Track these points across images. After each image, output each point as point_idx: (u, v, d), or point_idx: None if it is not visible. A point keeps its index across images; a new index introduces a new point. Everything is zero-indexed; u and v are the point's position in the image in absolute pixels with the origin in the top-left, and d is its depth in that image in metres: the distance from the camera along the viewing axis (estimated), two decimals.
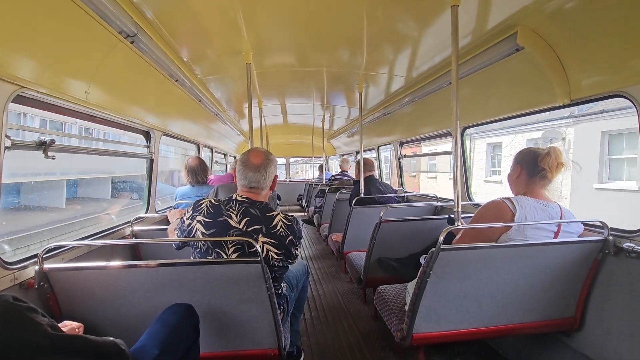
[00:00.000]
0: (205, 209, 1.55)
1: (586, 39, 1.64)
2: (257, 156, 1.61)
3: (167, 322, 1.24)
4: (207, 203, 1.57)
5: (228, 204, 1.56)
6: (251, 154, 1.62)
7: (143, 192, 3.06)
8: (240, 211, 1.53)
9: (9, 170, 1.38)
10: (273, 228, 1.53)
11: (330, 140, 8.91)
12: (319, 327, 2.60)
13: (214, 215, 1.53)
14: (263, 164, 1.59)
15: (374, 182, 3.68)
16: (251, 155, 1.61)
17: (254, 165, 1.57)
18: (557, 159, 1.64)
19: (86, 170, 11.09)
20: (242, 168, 1.58)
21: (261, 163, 1.59)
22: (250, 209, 1.54)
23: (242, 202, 1.55)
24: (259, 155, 1.61)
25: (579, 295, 1.74)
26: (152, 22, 1.97)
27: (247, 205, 1.55)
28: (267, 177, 1.60)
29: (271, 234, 1.53)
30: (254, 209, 1.55)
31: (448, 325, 1.69)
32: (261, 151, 1.64)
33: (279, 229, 1.54)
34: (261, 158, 1.60)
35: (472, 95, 2.66)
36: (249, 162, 1.58)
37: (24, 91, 1.42)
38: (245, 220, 1.51)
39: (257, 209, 1.55)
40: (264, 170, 1.58)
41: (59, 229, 8.23)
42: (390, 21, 2.03)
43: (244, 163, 1.59)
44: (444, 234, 1.49)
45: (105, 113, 2.14)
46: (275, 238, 1.53)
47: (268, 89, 4.01)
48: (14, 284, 1.41)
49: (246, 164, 1.58)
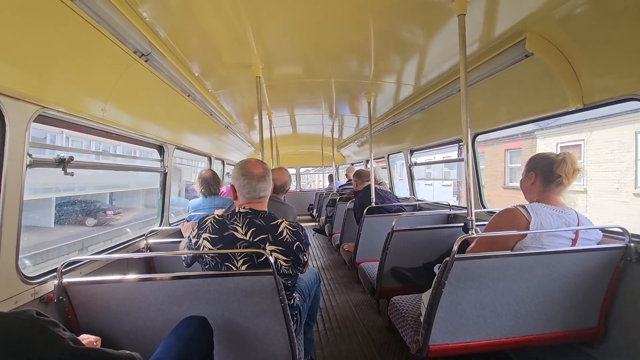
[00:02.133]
0: (210, 225, 1.57)
1: (597, 43, 1.62)
2: (256, 166, 1.63)
3: (182, 335, 1.25)
4: (211, 219, 1.59)
5: (232, 217, 1.58)
6: (250, 165, 1.63)
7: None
8: (245, 223, 1.55)
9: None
10: (279, 235, 1.55)
11: (340, 150, 8.93)
12: (333, 339, 2.57)
13: (219, 231, 1.54)
14: (266, 172, 1.64)
15: (382, 192, 3.66)
16: (251, 167, 1.63)
17: (259, 176, 1.60)
18: (572, 165, 1.62)
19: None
20: (248, 181, 1.59)
21: (263, 171, 1.63)
22: (255, 219, 1.56)
23: (245, 214, 1.57)
24: (257, 165, 1.64)
25: (601, 304, 1.68)
26: (165, 40, 2.03)
27: (251, 216, 1.57)
28: (270, 184, 1.67)
29: (278, 241, 1.54)
30: (259, 219, 1.56)
31: (465, 337, 1.65)
32: (254, 160, 1.68)
33: (285, 235, 1.56)
34: (261, 166, 1.64)
35: (482, 101, 2.64)
36: (252, 174, 1.60)
37: (45, 111, 1.48)
38: (252, 231, 1.53)
39: (262, 219, 1.57)
40: (269, 177, 1.64)
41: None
42: (396, 31, 2.05)
43: (248, 176, 1.60)
44: (458, 243, 1.47)
45: (121, 129, 2.20)
46: (282, 245, 1.54)
47: (277, 101, 4.07)
48: (34, 298, 1.45)
49: (251, 176, 1.59)
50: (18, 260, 1.38)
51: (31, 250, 6.91)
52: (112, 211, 11.17)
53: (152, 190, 12.90)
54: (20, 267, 1.40)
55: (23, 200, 1.39)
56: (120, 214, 11.34)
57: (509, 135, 11.37)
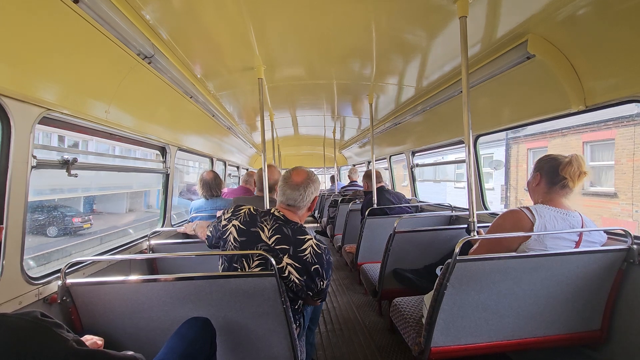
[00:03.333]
0: (243, 215, 1.59)
1: (599, 45, 1.62)
2: (299, 175, 1.61)
3: (185, 336, 1.26)
4: (247, 210, 1.60)
5: (265, 215, 1.57)
6: (294, 172, 1.63)
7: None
8: (273, 227, 1.53)
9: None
10: (301, 252, 1.50)
11: (342, 151, 8.94)
12: (335, 341, 2.57)
13: (248, 224, 1.55)
14: (303, 184, 1.59)
15: (386, 193, 3.66)
16: (294, 173, 1.62)
17: (294, 184, 1.58)
18: (579, 168, 1.59)
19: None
20: (283, 184, 1.60)
21: (302, 182, 1.59)
22: (284, 227, 1.54)
23: (277, 218, 1.56)
24: (301, 174, 1.62)
25: (604, 306, 1.68)
26: (168, 42, 2.05)
27: (281, 222, 1.55)
28: (306, 197, 1.59)
29: (297, 257, 1.49)
30: (287, 228, 1.54)
31: (467, 339, 1.65)
32: (305, 170, 1.65)
33: (307, 254, 1.50)
34: (303, 177, 1.61)
35: (484, 103, 2.64)
36: (290, 179, 1.60)
37: (49, 113, 1.50)
38: (276, 238, 1.51)
39: (290, 229, 1.54)
40: (304, 190, 1.58)
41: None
42: (398, 33, 2.05)
43: (286, 180, 1.60)
44: (460, 245, 1.47)
45: (124, 131, 2.21)
46: (300, 262, 1.49)
47: (279, 102, 4.08)
48: (38, 298, 1.46)
49: (287, 181, 1.60)
50: (23, 261, 1.39)
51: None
52: (80, 218, 9.52)
53: (139, 193, 11.99)
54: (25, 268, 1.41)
55: (28, 202, 1.40)
56: (89, 221, 9.70)
57: (531, 133, 10.15)
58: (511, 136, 10.74)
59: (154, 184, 10.55)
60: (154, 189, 10.72)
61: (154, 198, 10.81)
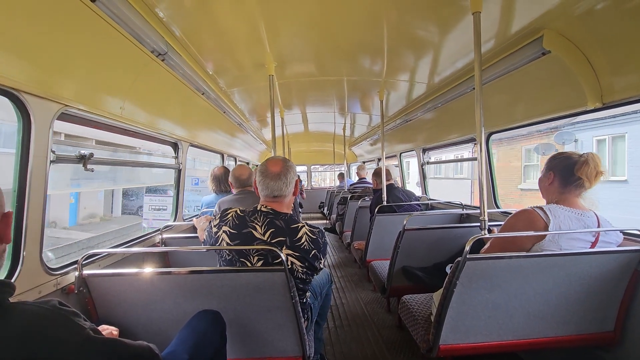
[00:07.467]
0: (231, 219, 1.59)
1: (618, 40, 1.58)
2: (275, 164, 1.62)
3: (196, 328, 1.28)
4: (233, 214, 1.60)
5: (253, 214, 1.58)
6: (269, 163, 1.63)
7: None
8: (265, 223, 1.55)
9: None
10: (297, 241, 1.53)
11: (352, 148, 8.91)
12: (343, 336, 2.59)
13: (239, 227, 1.56)
14: (282, 171, 1.59)
15: (395, 190, 3.64)
16: (269, 164, 1.62)
17: (274, 174, 1.58)
18: (596, 168, 1.54)
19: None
20: (263, 178, 1.60)
21: (280, 170, 1.59)
22: (275, 220, 1.55)
23: (267, 214, 1.57)
24: (277, 163, 1.63)
25: (618, 308, 1.64)
26: (181, 39, 2.07)
27: (272, 216, 1.56)
28: (289, 183, 1.61)
29: (295, 247, 1.52)
30: (279, 221, 1.56)
31: (476, 337, 1.64)
32: (278, 159, 1.66)
33: (304, 242, 1.53)
34: (280, 165, 1.61)
35: (497, 100, 2.60)
36: (268, 171, 1.59)
37: (67, 109, 1.54)
38: (270, 232, 1.53)
39: (282, 221, 1.56)
40: (284, 177, 1.59)
41: None
42: (410, 28, 2.03)
43: (264, 173, 1.60)
44: (471, 243, 1.45)
45: (138, 126, 2.26)
46: (299, 251, 1.53)
47: (290, 99, 4.10)
48: (56, 288, 1.51)
49: (266, 174, 1.59)
50: (42, 252, 1.44)
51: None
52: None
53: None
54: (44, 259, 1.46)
55: (47, 195, 1.45)
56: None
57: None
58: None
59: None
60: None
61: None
